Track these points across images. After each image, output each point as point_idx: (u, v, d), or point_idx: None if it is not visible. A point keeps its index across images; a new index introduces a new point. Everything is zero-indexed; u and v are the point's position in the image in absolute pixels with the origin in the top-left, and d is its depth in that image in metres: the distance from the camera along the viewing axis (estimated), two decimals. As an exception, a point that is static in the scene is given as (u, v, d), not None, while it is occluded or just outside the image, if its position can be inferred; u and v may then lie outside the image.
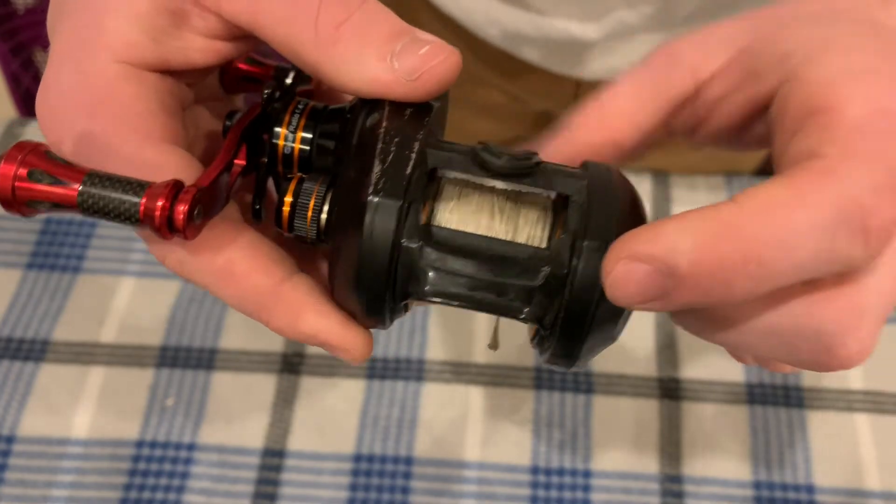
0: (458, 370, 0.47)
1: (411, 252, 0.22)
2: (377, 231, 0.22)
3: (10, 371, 0.46)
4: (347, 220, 0.23)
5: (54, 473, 0.43)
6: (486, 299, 0.23)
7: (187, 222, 0.21)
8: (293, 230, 0.24)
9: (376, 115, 0.24)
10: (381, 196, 0.22)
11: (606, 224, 0.22)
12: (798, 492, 0.43)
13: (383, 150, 0.22)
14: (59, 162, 0.22)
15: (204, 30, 0.25)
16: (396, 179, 0.22)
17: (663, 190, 0.53)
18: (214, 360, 0.47)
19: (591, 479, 0.43)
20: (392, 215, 0.22)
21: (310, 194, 0.24)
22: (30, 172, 0.21)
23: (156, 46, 0.24)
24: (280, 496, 0.43)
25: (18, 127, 0.55)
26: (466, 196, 0.24)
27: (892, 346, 0.47)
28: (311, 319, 0.25)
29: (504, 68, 0.57)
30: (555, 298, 0.23)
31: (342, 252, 0.23)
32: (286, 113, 0.26)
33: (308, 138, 0.26)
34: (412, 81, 0.23)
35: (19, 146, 0.22)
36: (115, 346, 0.47)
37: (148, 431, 0.45)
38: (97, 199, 0.21)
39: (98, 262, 0.50)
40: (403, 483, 0.43)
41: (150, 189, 0.21)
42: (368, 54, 0.23)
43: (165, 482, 0.43)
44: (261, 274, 0.24)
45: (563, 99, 0.58)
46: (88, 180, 0.21)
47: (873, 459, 0.44)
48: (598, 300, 0.22)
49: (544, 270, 0.22)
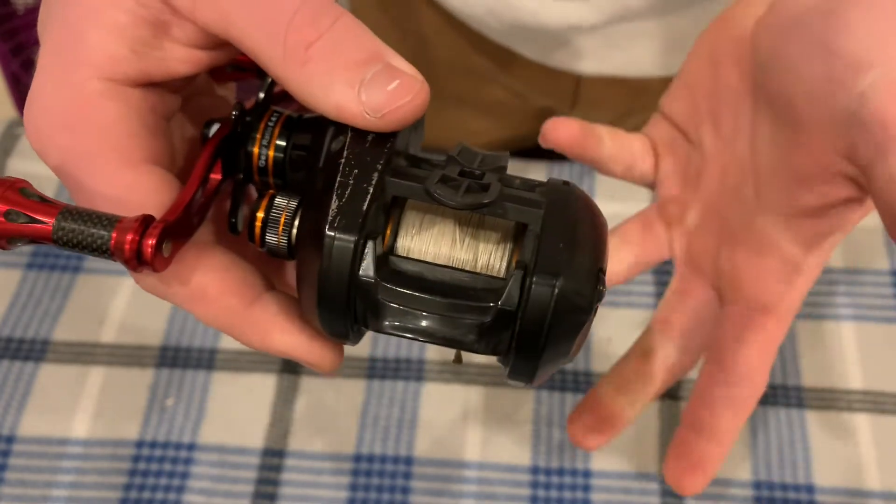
0: (458, 370, 0.47)
1: (368, 285, 0.23)
2: (334, 265, 0.22)
3: (10, 371, 0.46)
4: (309, 247, 0.23)
5: (54, 473, 0.43)
6: (439, 333, 0.24)
7: (155, 255, 0.22)
8: (265, 245, 0.25)
9: (341, 139, 0.24)
10: (338, 231, 0.22)
11: (557, 258, 0.23)
12: (798, 492, 0.43)
13: (342, 184, 0.23)
14: (34, 200, 0.23)
15: (184, 39, 0.25)
16: (353, 215, 0.22)
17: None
18: (214, 360, 0.47)
19: (591, 479, 0.43)
20: (348, 250, 0.22)
21: (280, 211, 0.25)
22: (6, 213, 0.22)
23: (137, 59, 0.24)
24: (280, 496, 0.43)
25: (18, 127, 0.55)
26: (429, 222, 0.24)
27: (892, 346, 0.47)
28: (279, 338, 0.26)
29: (504, 64, 0.57)
30: (507, 330, 0.23)
31: (305, 277, 0.24)
32: (260, 124, 0.26)
33: (282, 147, 0.26)
34: (377, 118, 0.23)
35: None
36: (115, 346, 0.47)
37: (148, 431, 0.45)
38: (70, 234, 0.23)
39: (98, 262, 0.50)
40: (403, 483, 0.43)
41: (120, 224, 0.22)
42: (337, 80, 0.23)
43: (165, 482, 0.43)
44: (231, 296, 0.25)
45: (563, 95, 0.58)
46: (61, 217, 0.22)
47: (873, 459, 0.44)
48: (548, 333, 0.23)
49: (495, 307, 0.23)
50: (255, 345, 0.26)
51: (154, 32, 0.24)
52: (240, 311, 0.26)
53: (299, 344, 0.26)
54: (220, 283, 0.25)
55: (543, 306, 0.22)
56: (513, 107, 0.61)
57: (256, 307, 0.26)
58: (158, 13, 0.24)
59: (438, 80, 0.61)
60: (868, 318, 0.48)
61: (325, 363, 0.27)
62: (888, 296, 0.49)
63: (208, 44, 0.25)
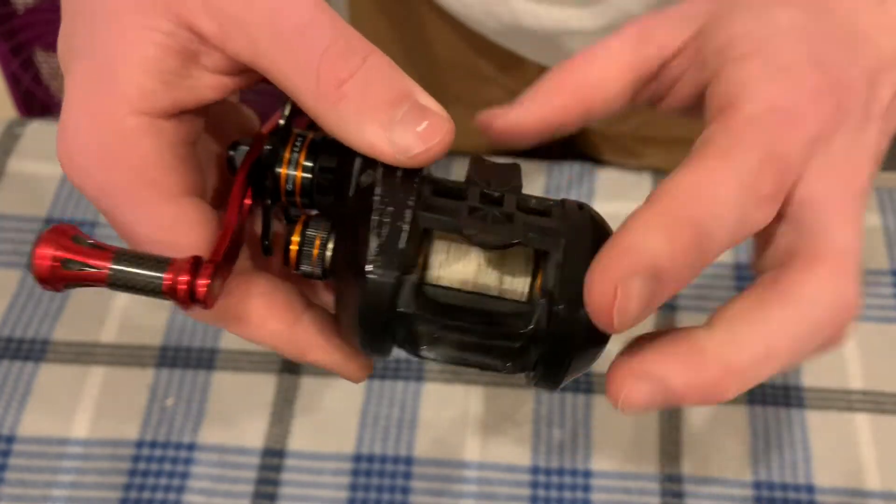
0: (458, 370, 0.47)
1: (406, 317, 0.24)
2: (375, 300, 0.24)
3: (10, 371, 0.46)
4: (348, 277, 0.25)
5: (54, 473, 0.43)
6: (472, 360, 0.26)
7: (208, 294, 0.23)
8: (300, 269, 0.26)
9: (370, 173, 0.25)
10: (377, 268, 0.24)
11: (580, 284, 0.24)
12: (798, 492, 0.43)
13: (377, 223, 0.24)
14: (88, 247, 0.24)
15: (212, 66, 0.25)
16: (391, 253, 0.24)
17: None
18: (214, 360, 0.47)
19: (591, 479, 0.43)
20: (388, 287, 0.24)
21: (314, 238, 0.26)
22: (63, 262, 0.23)
23: (168, 91, 0.25)
24: (280, 496, 0.43)
25: (18, 127, 0.55)
26: (455, 249, 0.26)
27: (892, 347, 0.47)
28: (316, 355, 0.28)
29: (504, 65, 0.57)
30: (534, 352, 0.25)
31: (344, 307, 0.25)
32: (285, 150, 0.27)
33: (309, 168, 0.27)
34: (407, 158, 0.24)
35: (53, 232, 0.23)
36: (115, 346, 0.47)
37: (148, 431, 0.45)
38: (125, 278, 0.23)
39: (98, 262, 0.50)
40: (403, 483, 0.43)
41: (173, 265, 0.23)
42: (369, 120, 0.24)
43: (165, 482, 0.43)
44: (274, 320, 0.27)
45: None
46: (115, 260, 0.23)
47: (873, 459, 0.44)
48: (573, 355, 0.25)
49: (524, 331, 0.24)
50: (294, 359, 0.28)
51: (183, 62, 0.25)
52: (282, 333, 0.27)
53: (336, 361, 0.28)
54: (263, 309, 0.27)
55: (569, 332, 0.24)
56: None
57: (297, 329, 0.27)
58: (187, 42, 0.25)
59: (438, 80, 0.61)
60: (868, 318, 0.48)
61: (357, 375, 0.29)
62: (888, 296, 0.49)
63: (236, 70, 0.26)
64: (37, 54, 1.02)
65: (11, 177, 0.53)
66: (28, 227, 0.51)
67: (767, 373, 0.24)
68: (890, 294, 0.49)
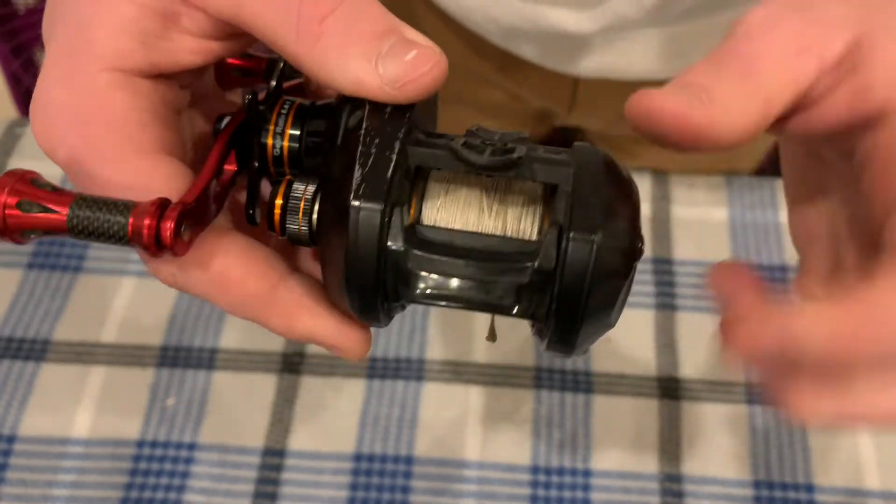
0: (458, 370, 0.47)
1: (397, 255, 0.22)
2: (362, 236, 0.22)
3: (10, 371, 0.46)
4: (333, 224, 0.23)
5: (55, 473, 0.43)
6: (475, 298, 0.23)
7: (175, 239, 0.22)
8: (285, 232, 0.25)
9: (358, 114, 0.23)
10: (363, 200, 0.22)
11: (593, 214, 0.22)
12: (798, 492, 0.43)
13: (363, 153, 0.22)
14: (47, 189, 0.22)
15: (193, 29, 0.25)
16: (377, 182, 0.22)
17: (663, 189, 0.53)
18: (214, 360, 0.47)
19: (591, 478, 0.44)
20: (375, 219, 0.22)
21: (299, 196, 0.24)
22: (18, 203, 0.22)
23: (146, 51, 0.24)
24: (280, 496, 0.43)
25: (18, 127, 0.55)
26: (454, 192, 0.24)
27: (892, 346, 0.47)
28: (306, 321, 0.25)
29: (503, 66, 0.57)
30: (545, 292, 0.23)
31: (330, 256, 0.23)
32: (272, 114, 0.26)
33: (296, 136, 0.25)
34: (396, 89, 0.23)
35: (7, 175, 0.22)
36: (115, 346, 0.47)
37: (148, 431, 0.45)
38: (86, 222, 0.22)
39: (98, 262, 0.50)
40: (403, 483, 0.43)
41: (137, 208, 0.22)
42: (353, 54, 0.23)
43: (166, 482, 0.43)
44: (255, 279, 0.24)
45: (561, 97, 0.58)
46: (76, 205, 0.22)
47: (873, 459, 0.44)
48: (589, 291, 0.22)
49: (531, 266, 0.22)
50: (281, 330, 0.25)
51: (163, 23, 0.24)
52: (264, 294, 0.25)
53: (327, 327, 0.25)
54: (242, 266, 0.24)
55: (583, 263, 0.22)
56: (511, 108, 0.61)
57: (281, 289, 0.25)
58: (168, 3, 0.24)
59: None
60: (868, 318, 0.48)
61: (355, 347, 0.25)
62: (888, 296, 0.49)
63: (218, 34, 0.25)
64: (37, 54, 1.02)
65: (12, 177, 0.53)
66: (28, 227, 0.51)
67: None
68: (890, 294, 0.49)
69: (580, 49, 0.51)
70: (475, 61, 0.57)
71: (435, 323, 0.48)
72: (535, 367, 0.47)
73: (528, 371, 0.47)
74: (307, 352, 0.47)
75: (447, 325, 0.48)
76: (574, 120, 0.61)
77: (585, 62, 0.52)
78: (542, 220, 0.23)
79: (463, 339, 0.48)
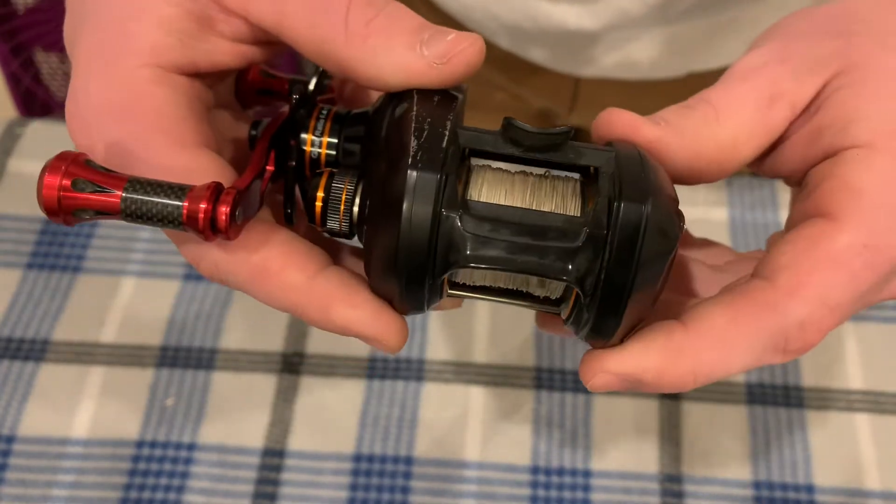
0: (458, 370, 0.47)
1: (451, 221, 0.23)
2: (418, 202, 0.22)
3: (10, 371, 0.46)
4: (385, 199, 0.23)
5: (54, 473, 0.43)
6: (528, 262, 0.23)
7: (230, 223, 0.22)
8: (326, 224, 0.25)
9: (405, 105, 0.24)
10: (420, 169, 0.22)
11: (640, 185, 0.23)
12: (798, 492, 0.43)
13: (417, 129, 0.23)
14: (100, 170, 0.22)
15: (230, 34, 0.26)
16: (433, 153, 0.23)
17: (663, 190, 0.53)
18: (214, 360, 0.47)
19: (591, 478, 0.43)
20: (432, 186, 0.22)
21: (341, 187, 0.25)
22: (73, 182, 0.22)
23: (184, 49, 0.25)
24: (280, 496, 0.43)
25: (18, 127, 0.55)
26: (500, 175, 0.25)
27: (892, 347, 0.47)
28: (342, 311, 0.25)
29: (504, 66, 0.57)
30: (596, 259, 0.23)
31: (380, 232, 0.23)
32: (311, 118, 0.26)
33: (334, 143, 0.26)
34: (442, 65, 0.24)
35: (61, 156, 0.22)
36: (115, 346, 0.47)
37: (148, 431, 0.45)
38: (140, 204, 0.22)
39: (98, 262, 0.50)
40: (403, 483, 0.43)
41: (192, 192, 0.22)
42: (399, 44, 0.24)
43: (165, 482, 0.43)
44: (294, 270, 0.25)
45: (562, 97, 0.58)
46: (130, 186, 0.22)
47: (873, 459, 0.44)
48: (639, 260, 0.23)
49: (584, 231, 0.23)
50: (318, 321, 0.25)
51: (200, 26, 0.25)
52: (301, 285, 0.25)
53: (364, 317, 0.25)
54: (284, 257, 0.25)
55: (634, 227, 0.22)
56: (512, 108, 0.61)
57: (319, 279, 0.25)
58: (205, 8, 0.25)
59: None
60: (868, 318, 0.48)
61: (391, 338, 0.25)
62: (888, 296, 0.49)
63: (253, 38, 0.26)
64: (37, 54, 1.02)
65: (11, 177, 0.53)
66: (28, 227, 0.51)
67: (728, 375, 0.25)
68: (890, 294, 0.49)
69: (582, 48, 0.51)
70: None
71: (435, 323, 0.48)
72: (535, 367, 0.47)
73: (528, 371, 0.47)
74: (307, 352, 0.47)
75: (447, 325, 0.48)
76: (575, 120, 0.61)
77: (586, 62, 0.52)
78: (585, 201, 0.24)
79: (463, 339, 0.48)
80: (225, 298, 0.48)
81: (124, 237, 0.51)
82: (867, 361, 0.47)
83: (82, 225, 0.51)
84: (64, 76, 1.02)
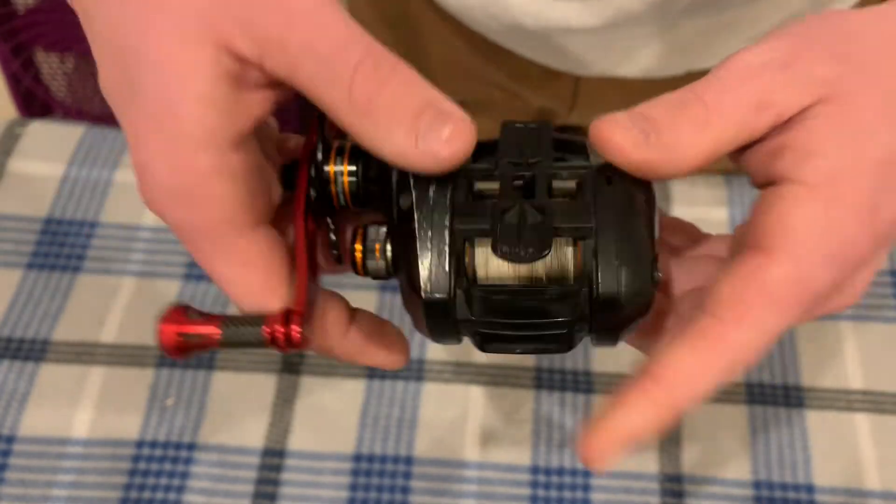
0: (458, 370, 0.47)
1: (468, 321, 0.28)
2: (436, 315, 0.27)
3: (10, 371, 0.46)
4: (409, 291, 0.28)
5: (54, 473, 0.43)
6: (531, 349, 0.29)
7: (303, 340, 0.27)
8: (367, 272, 0.29)
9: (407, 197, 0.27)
10: (432, 291, 0.27)
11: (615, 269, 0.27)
12: (798, 492, 0.43)
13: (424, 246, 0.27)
14: (200, 320, 0.28)
15: (254, 83, 0.27)
16: (440, 275, 0.27)
17: (663, 188, 0.53)
18: (214, 360, 0.47)
19: (591, 478, 0.43)
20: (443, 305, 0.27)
21: (374, 240, 0.29)
22: (184, 336, 0.27)
23: (229, 120, 0.26)
24: (280, 496, 0.43)
25: (18, 127, 0.55)
26: None
27: (892, 347, 0.47)
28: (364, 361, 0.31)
29: (504, 65, 0.57)
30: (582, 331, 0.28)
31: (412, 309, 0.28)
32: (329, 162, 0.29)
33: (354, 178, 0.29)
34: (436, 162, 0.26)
35: (172, 312, 0.28)
36: (115, 346, 0.47)
37: (148, 431, 0.45)
38: (233, 339, 0.27)
39: (98, 262, 0.50)
40: (403, 483, 0.43)
41: (268, 320, 0.27)
42: (398, 130, 0.26)
43: (165, 482, 0.43)
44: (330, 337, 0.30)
45: (562, 96, 0.58)
46: (223, 326, 0.27)
47: (873, 459, 0.44)
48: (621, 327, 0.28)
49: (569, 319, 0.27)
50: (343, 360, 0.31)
51: (232, 86, 0.26)
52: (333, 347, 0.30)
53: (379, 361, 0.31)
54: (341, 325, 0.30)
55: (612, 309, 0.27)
56: (511, 107, 0.61)
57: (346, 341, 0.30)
58: (230, 65, 0.26)
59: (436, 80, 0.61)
60: (868, 318, 0.48)
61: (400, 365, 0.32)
62: (888, 296, 0.49)
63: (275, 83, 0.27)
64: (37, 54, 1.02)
65: (11, 177, 0.53)
66: (28, 227, 0.51)
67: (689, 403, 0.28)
68: (890, 294, 0.49)
69: (581, 48, 0.51)
70: (474, 59, 0.57)
71: (435, 323, 0.48)
72: (535, 367, 0.47)
73: (528, 371, 0.47)
74: (306, 352, 0.47)
75: (447, 325, 0.48)
76: (575, 119, 0.61)
77: (586, 61, 0.52)
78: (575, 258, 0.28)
79: (463, 339, 0.48)
80: (225, 299, 0.48)
81: (124, 237, 0.51)
82: (867, 361, 0.47)
83: (82, 225, 0.51)
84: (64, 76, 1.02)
